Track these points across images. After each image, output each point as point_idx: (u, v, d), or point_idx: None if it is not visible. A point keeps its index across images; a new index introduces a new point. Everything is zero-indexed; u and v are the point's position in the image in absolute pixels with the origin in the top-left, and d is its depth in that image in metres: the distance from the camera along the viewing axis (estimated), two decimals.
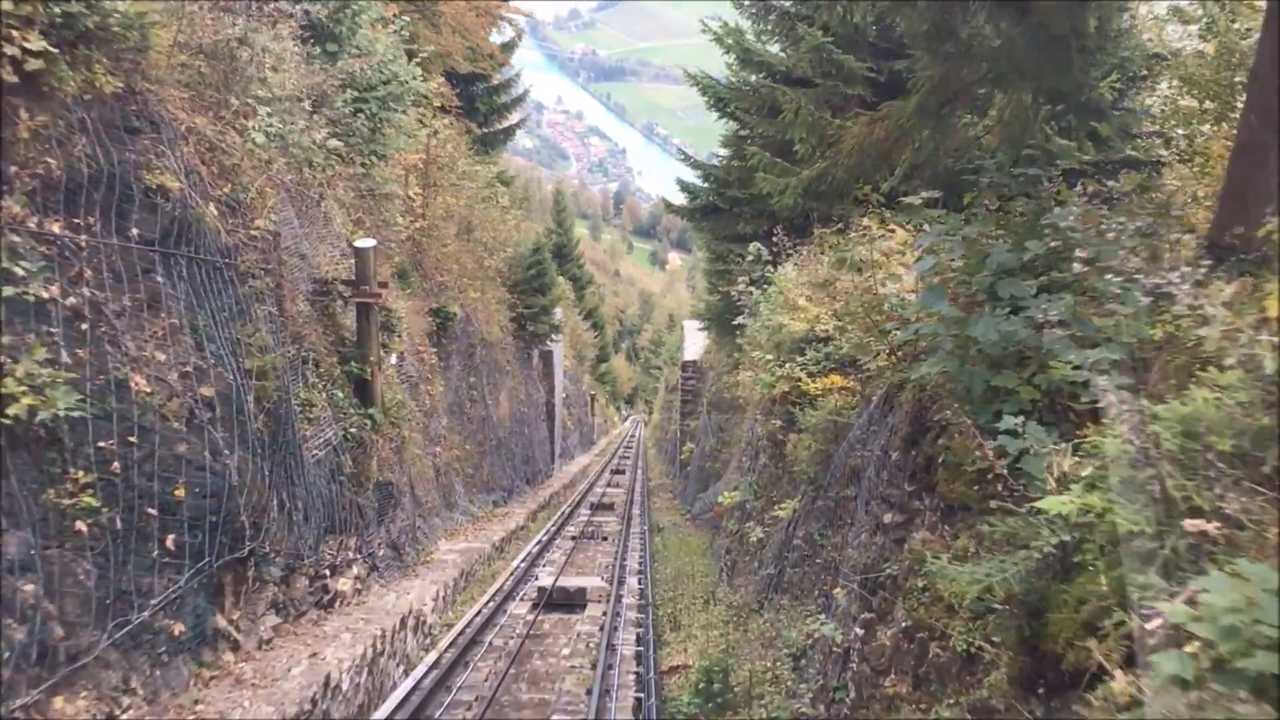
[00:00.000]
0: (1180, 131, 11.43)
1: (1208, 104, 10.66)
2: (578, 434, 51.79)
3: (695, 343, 34.67)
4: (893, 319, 8.71)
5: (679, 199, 22.42)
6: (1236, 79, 9.84)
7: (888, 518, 8.26)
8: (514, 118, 35.56)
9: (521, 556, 17.00)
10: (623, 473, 41.61)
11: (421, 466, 16.80)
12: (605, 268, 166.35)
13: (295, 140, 11.41)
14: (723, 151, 21.70)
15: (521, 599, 13.83)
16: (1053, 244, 6.25)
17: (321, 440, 11.44)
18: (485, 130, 33.82)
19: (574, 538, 19.90)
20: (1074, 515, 4.43)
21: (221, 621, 8.58)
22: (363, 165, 14.57)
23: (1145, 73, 14.73)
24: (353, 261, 12.33)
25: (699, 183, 21.78)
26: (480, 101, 33.42)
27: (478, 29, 28.72)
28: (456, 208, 22.11)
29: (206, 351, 8.37)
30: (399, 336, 14.54)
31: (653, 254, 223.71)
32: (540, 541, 18.97)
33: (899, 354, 8.90)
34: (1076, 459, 5.05)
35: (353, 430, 12.16)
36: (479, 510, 20.76)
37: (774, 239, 16.80)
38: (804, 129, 9.79)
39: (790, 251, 16.15)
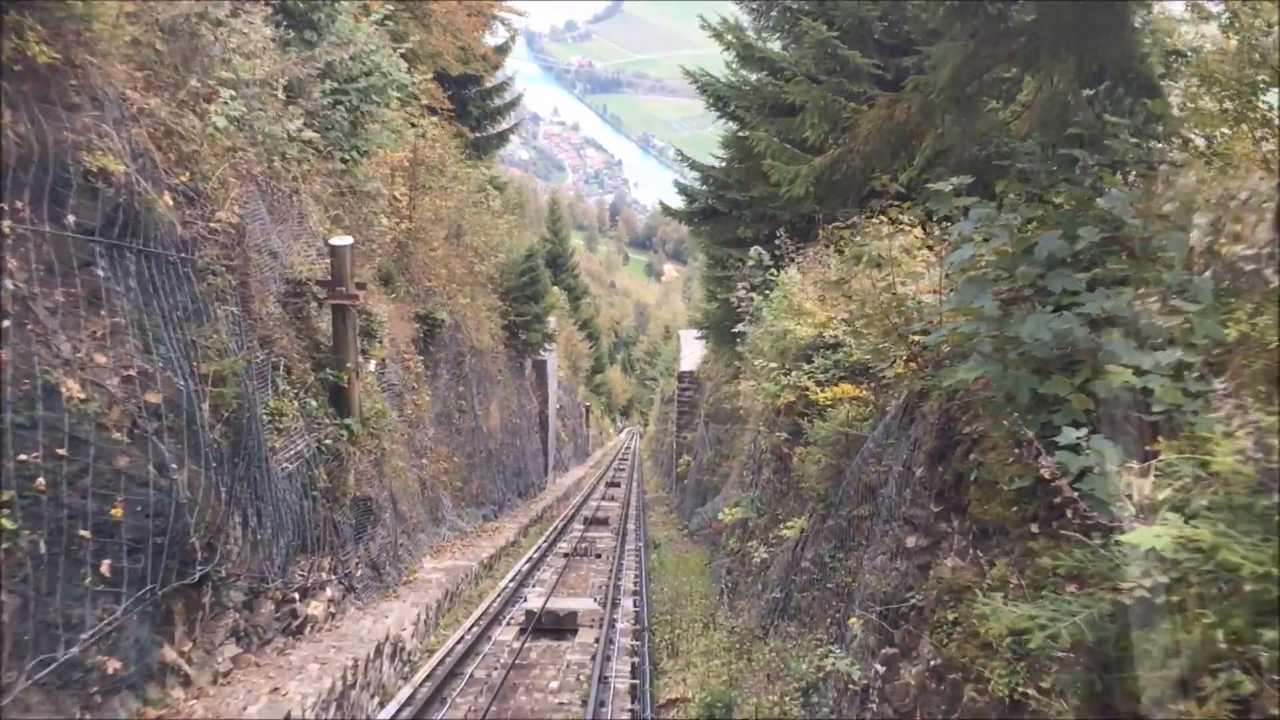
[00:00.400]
0: (1198, 133, 10.72)
1: (1227, 104, 9.95)
2: (572, 446, 50.95)
3: (692, 353, 33.87)
4: (914, 321, 7.92)
5: (677, 202, 21.64)
6: (1260, 77, 9.12)
7: (911, 541, 7.46)
8: (507, 122, 34.80)
9: (511, 575, 16.13)
10: (618, 485, 40.75)
11: (405, 480, 15.96)
12: (601, 279, 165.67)
13: (266, 129, 10.61)
14: (722, 153, 20.93)
15: (508, 623, 12.96)
16: (1105, 232, 5.47)
17: (293, 452, 10.61)
18: (478, 135, 33.06)
19: (566, 555, 19.03)
20: (1170, 550, 3.63)
21: (170, 654, 7.72)
22: (343, 161, 13.77)
23: (1164, 71, 13.99)
24: (329, 261, 11.51)
25: (697, 185, 21.01)
26: (473, 105, 32.66)
27: (470, 29, 27.96)
28: (446, 210, 21.31)
29: (155, 354, 7.55)
30: (380, 342, 13.71)
31: (648, 266, 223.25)
32: (531, 559, 18.10)
33: (920, 360, 8.10)
34: (1155, 480, 4.27)
35: (328, 442, 11.33)
36: (468, 525, 19.90)
37: (776, 242, 16.02)
38: (816, 113, 9.01)
39: (793, 255, 15.36)
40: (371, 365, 12.70)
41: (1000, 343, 5.44)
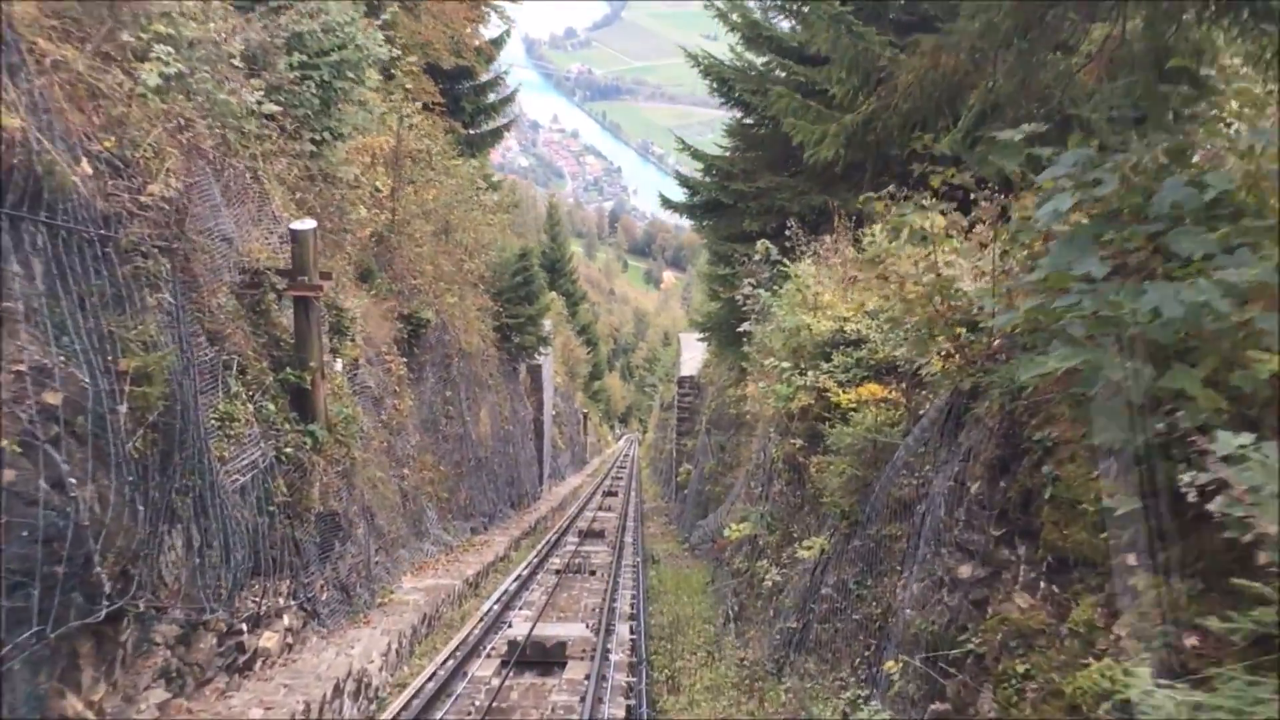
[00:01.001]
0: None
1: None
2: (569, 453, 49.65)
3: (693, 357, 32.63)
4: (960, 309, 6.69)
5: (678, 196, 20.41)
6: None
7: (964, 571, 6.22)
8: (502, 119, 33.64)
9: (496, 596, 14.84)
10: (615, 495, 39.45)
11: (384, 491, 14.70)
12: (600, 286, 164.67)
13: (218, 98, 9.38)
14: (725, 143, 19.71)
15: (489, 654, 11.64)
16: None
17: (246, 462, 9.36)
18: (471, 131, 31.89)
19: (558, 571, 17.74)
20: None
21: (76, 704, 6.45)
22: (313, 142, 12.54)
23: None
24: (290, 248, 10.27)
25: (700, 177, 19.77)
26: (466, 100, 31.51)
27: (462, 19, 26.79)
28: (434, 204, 20.09)
29: (57, 346, 6.30)
30: (352, 340, 12.47)
31: (647, 273, 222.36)
32: (520, 577, 16.81)
33: (968, 353, 6.87)
34: None
35: (288, 450, 10.08)
36: (454, 539, 18.62)
37: (786, 234, 14.78)
38: (845, 66, 7.77)
39: (806, 246, 14.11)
40: (338, 365, 11.45)
41: (1099, 324, 4.18)
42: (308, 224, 10.13)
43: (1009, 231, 6.32)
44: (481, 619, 13.02)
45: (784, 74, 16.65)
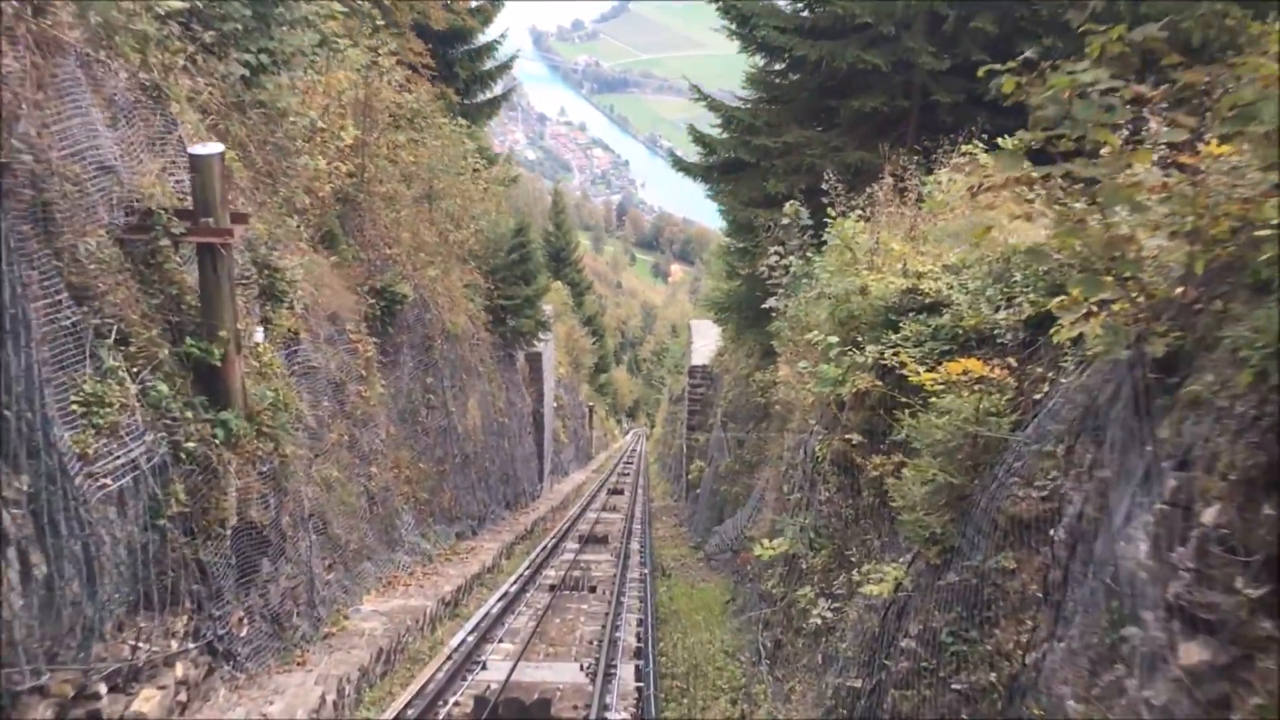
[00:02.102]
0: None
1: None
2: (573, 448, 47.20)
3: (705, 344, 30.14)
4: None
5: (693, 156, 17.94)
6: None
7: (1190, 652, 3.78)
8: (499, 87, 31.14)
9: (473, 623, 12.35)
10: (621, 493, 37.01)
11: (344, 494, 12.31)
12: (607, 279, 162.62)
13: None
14: (746, 94, 17.23)
15: (453, 707, 9.16)
16: None
17: (122, 461, 6.96)
18: (466, 101, 29.42)
19: (553, 587, 15.26)
20: None
21: None
22: (245, 65, 10.12)
23: None
24: (197, 181, 7.82)
25: (718, 134, 17.30)
26: (460, 66, 29.03)
27: None
28: (415, 166, 17.66)
29: None
30: (290, 308, 10.04)
31: (655, 266, 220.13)
32: (506, 595, 14.34)
33: (1152, 305, 4.45)
34: None
35: (189, 445, 7.68)
36: (435, 547, 16.22)
37: (824, 189, 12.29)
38: None
39: (847, 203, 11.61)
40: (258, 335, 8.99)
41: None
42: (212, 148, 7.70)
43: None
44: (450, 656, 10.57)
45: None
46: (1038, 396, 6.48)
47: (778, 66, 16.69)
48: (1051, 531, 5.52)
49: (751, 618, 11.20)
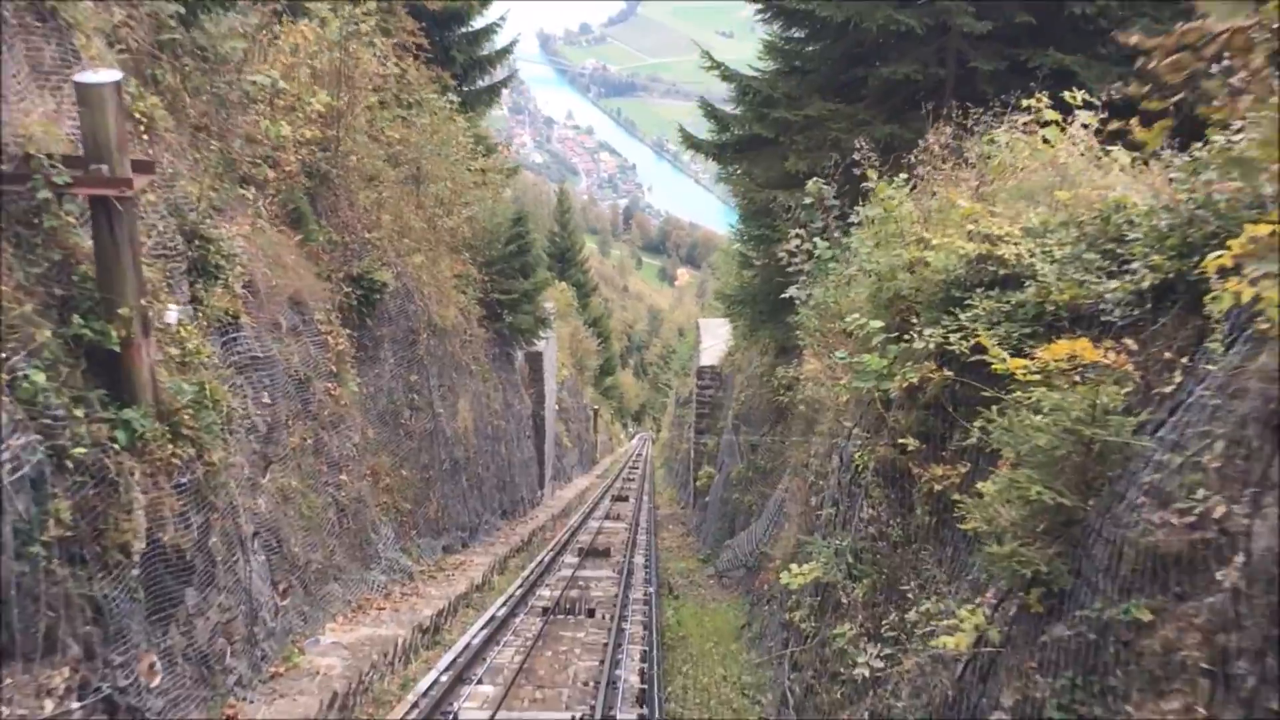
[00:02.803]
0: None
1: None
2: (577, 452, 45.60)
3: (714, 344, 28.54)
4: None
5: (704, 133, 16.34)
6: None
7: None
8: (499, 74, 29.60)
9: (449, 659, 10.72)
10: (625, 499, 35.36)
11: (305, 505, 10.74)
12: (614, 283, 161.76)
13: None
14: (764, 65, 15.64)
15: None
16: None
17: None
18: (464, 89, 27.89)
19: (546, 610, 13.62)
20: None
21: None
22: (179, 4, 8.56)
23: None
24: (87, 118, 6.24)
25: (730, 110, 15.71)
26: (457, 50, 27.51)
27: None
28: (399, 144, 16.13)
29: None
30: (225, 286, 8.46)
31: (662, 270, 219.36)
32: (494, 619, 12.71)
33: None
34: None
35: (77, 450, 6.10)
36: (418, 563, 14.65)
37: (858, 155, 10.67)
38: None
39: (881, 173, 9.98)
40: (170, 315, 7.37)
41: None
42: (105, 76, 6.13)
43: None
44: (416, 704, 8.95)
45: None
46: (1168, 388, 4.88)
47: (799, 34, 15.11)
48: (1220, 574, 3.92)
49: (772, 651, 9.58)
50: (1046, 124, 8.10)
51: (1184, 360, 4.90)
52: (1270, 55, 3.18)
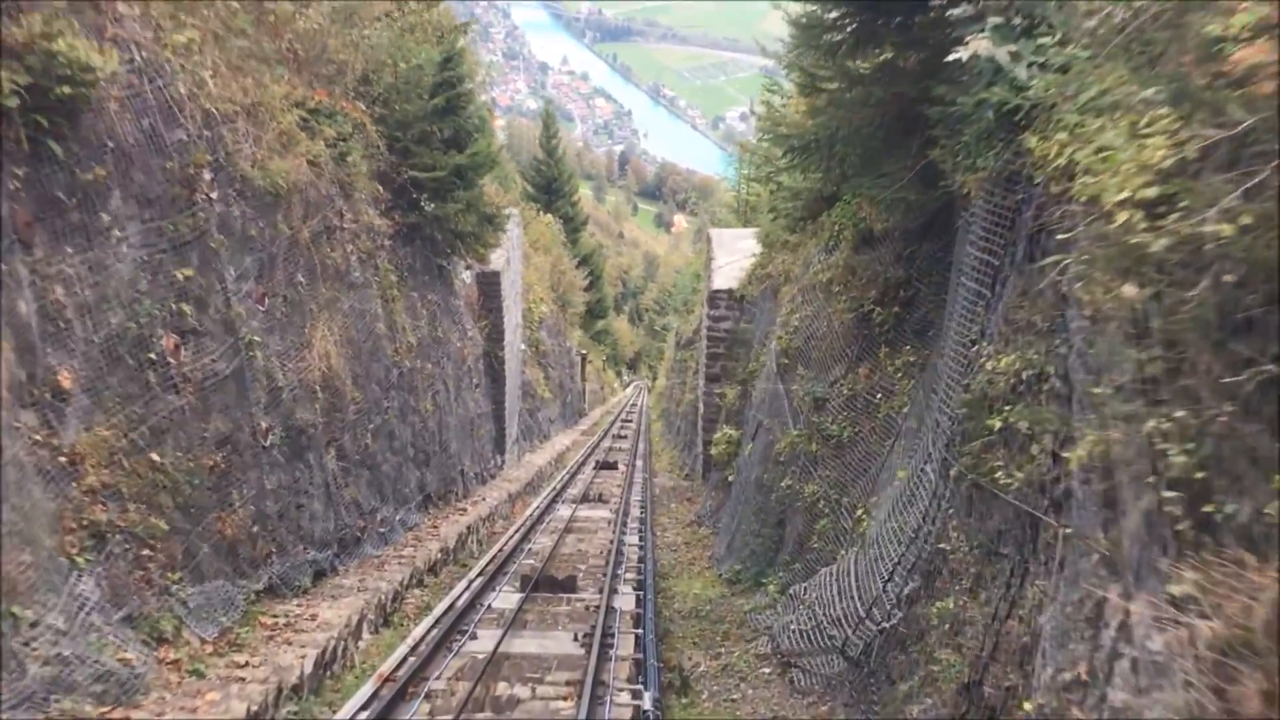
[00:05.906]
0: None
1: None
2: (559, 404, 37.97)
3: (732, 261, 20.88)
4: None
5: None
6: None
7: None
8: None
9: None
10: (614, 467, 27.89)
11: None
12: (609, 229, 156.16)
13: None
14: None
15: None
16: None
17: None
18: None
19: None
20: None
21: None
22: None
23: None
24: None
25: None
26: None
27: None
28: None
29: None
30: None
31: (658, 216, 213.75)
32: None
33: None
34: None
35: None
36: (179, 634, 7.16)
37: None
38: None
39: None
40: None
41: None
42: None
43: None
44: None
45: None
46: None
47: None
48: None
49: None
50: None
51: None
52: None
